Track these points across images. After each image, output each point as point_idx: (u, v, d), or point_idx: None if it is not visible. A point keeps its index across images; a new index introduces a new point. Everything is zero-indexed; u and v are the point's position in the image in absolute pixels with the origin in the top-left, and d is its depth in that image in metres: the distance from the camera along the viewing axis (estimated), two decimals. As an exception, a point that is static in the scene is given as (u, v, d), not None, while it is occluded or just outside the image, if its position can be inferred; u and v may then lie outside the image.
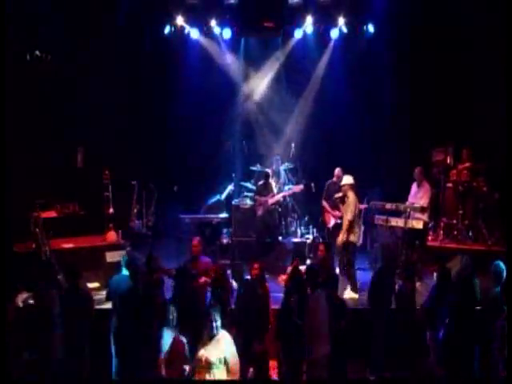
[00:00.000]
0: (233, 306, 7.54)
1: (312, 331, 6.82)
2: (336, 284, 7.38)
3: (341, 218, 10.15)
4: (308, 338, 6.86)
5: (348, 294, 8.84)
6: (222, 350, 6.03)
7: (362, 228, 10.60)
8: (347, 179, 9.39)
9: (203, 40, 12.58)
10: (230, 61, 12.88)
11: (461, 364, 6.95)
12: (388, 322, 7.41)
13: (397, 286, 7.81)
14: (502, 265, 7.08)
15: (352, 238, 9.08)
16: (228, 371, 6.00)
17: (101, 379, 7.37)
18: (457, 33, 11.22)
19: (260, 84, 13.11)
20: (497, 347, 6.77)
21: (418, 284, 9.00)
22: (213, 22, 12.16)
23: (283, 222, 11.15)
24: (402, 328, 7.27)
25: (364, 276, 9.44)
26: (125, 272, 7.57)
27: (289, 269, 8.20)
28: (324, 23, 12.26)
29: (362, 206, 10.36)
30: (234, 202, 11.38)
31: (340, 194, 9.54)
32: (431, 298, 7.38)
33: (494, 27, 10.18)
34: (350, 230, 9.06)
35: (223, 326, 6.57)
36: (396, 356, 7.28)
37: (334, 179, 10.34)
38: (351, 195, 9.23)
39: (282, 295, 7.43)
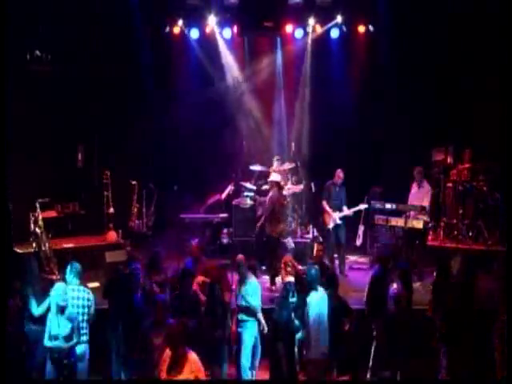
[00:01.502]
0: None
1: (310, 331, 6.83)
2: (337, 283, 7.37)
3: (341, 219, 10.18)
4: (307, 338, 6.87)
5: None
6: (191, 371, 5.75)
7: (362, 228, 10.63)
8: (273, 176, 9.80)
9: (203, 40, 12.58)
10: (230, 61, 12.88)
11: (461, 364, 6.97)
12: (386, 323, 7.42)
13: (395, 286, 7.81)
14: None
15: (273, 233, 9.53)
16: None
17: (100, 379, 7.36)
18: (457, 32, 11.21)
19: (260, 84, 13.11)
20: (497, 347, 6.78)
21: (418, 284, 9.02)
22: (213, 22, 12.17)
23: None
24: (400, 329, 7.28)
25: (364, 276, 9.43)
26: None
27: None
28: (324, 23, 12.27)
29: (362, 206, 10.38)
30: (234, 202, 11.38)
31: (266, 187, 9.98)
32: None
33: (494, 25, 10.18)
34: (267, 225, 9.52)
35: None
36: (395, 356, 7.29)
37: (334, 180, 10.33)
38: (271, 192, 9.68)
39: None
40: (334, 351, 6.88)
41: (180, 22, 12.17)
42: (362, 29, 12.27)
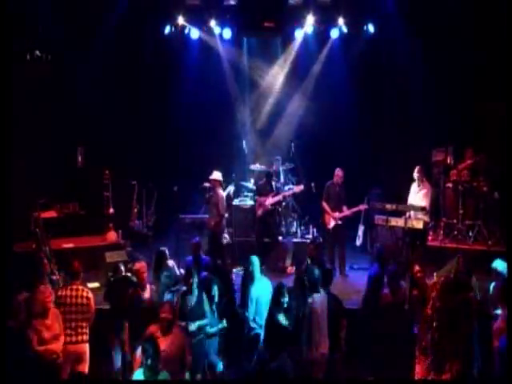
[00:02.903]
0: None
1: (311, 332, 6.83)
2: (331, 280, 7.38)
3: (341, 219, 10.18)
4: (307, 339, 6.86)
5: None
6: None
7: (362, 228, 10.63)
8: (215, 175, 9.93)
9: (203, 40, 12.58)
10: (230, 61, 12.89)
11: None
12: (383, 322, 7.42)
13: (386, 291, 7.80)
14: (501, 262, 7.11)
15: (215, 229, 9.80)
16: None
17: (100, 379, 7.35)
18: (457, 32, 11.21)
19: (260, 84, 13.12)
20: (496, 346, 6.77)
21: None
22: (213, 22, 12.17)
23: (283, 222, 11.14)
24: (397, 328, 7.28)
25: (364, 276, 9.43)
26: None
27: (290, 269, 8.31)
28: (324, 23, 12.27)
29: (362, 207, 10.38)
30: (234, 202, 11.38)
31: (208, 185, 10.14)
32: None
33: (494, 25, 10.18)
34: (219, 224, 9.70)
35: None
36: (394, 356, 7.28)
37: (334, 180, 10.34)
38: (220, 191, 9.85)
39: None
40: (332, 352, 6.89)
41: (180, 22, 12.18)
42: (362, 29, 12.28)
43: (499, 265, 7.19)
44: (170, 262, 8.08)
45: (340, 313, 7.12)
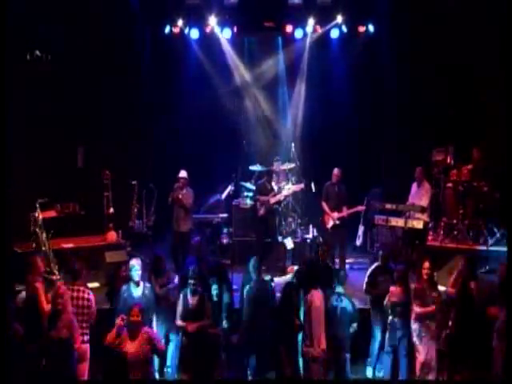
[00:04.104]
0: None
1: (310, 330, 6.84)
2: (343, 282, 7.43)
3: (339, 219, 10.18)
4: (308, 336, 6.88)
5: None
6: None
7: (362, 228, 10.63)
8: (183, 173, 10.16)
9: (203, 40, 12.57)
10: (231, 61, 12.89)
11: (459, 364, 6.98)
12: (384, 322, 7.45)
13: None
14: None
15: (187, 227, 9.98)
16: None
17: (101, 379, 7.36)
18: (457, 32, 11.21)
19: (260, 84, 13.12)
20: (496, 346, 6.78)
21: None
22: (213, 22, 12.16)
23: (283, 222, 11.14)
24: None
25: (364, 276, 9.43)
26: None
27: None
28: (324, 23, 12.27)
29: (360, 208, 10.38)
30: (234, 202, 11.38)
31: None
32: None
33: (494, 25, 10.19)
34: (187, 219, 9.85)
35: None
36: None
37: (333, 180, 10.33)
38: (189, 188, 10.10)
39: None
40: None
41: (180, 22, 12.16)
42: (362, 29, 12.29)
43: None
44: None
45: (349, 314, 7.14)
